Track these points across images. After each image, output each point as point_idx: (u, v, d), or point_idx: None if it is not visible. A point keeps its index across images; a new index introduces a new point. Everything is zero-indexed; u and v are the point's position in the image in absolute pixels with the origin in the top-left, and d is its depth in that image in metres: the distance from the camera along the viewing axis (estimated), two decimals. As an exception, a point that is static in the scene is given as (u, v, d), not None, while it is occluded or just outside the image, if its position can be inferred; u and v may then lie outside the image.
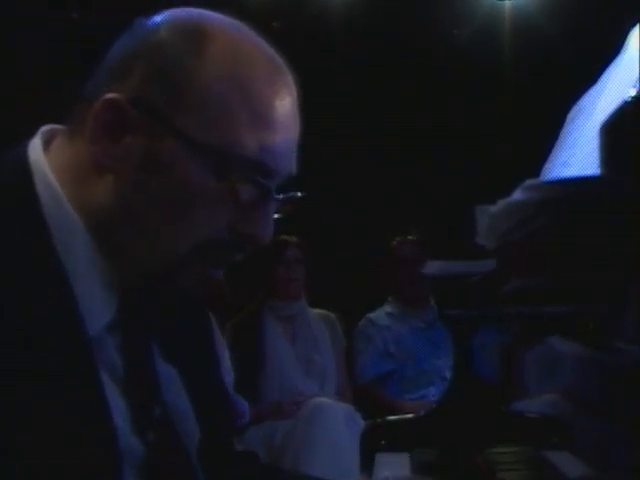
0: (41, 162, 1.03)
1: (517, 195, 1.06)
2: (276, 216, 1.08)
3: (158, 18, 1.05)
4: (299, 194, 1.09)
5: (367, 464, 1.84)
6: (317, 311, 4.25)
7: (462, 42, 5.60)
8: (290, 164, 1.06)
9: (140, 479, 1.02)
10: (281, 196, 1.06)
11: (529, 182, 1.03)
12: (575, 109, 1.49)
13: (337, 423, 3.58)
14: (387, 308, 4.50)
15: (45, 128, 1.09)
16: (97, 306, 1.01)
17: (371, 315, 4.48)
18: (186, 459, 1.11)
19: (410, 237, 4.55)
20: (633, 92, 0.81)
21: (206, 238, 1.02)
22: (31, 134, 1.08)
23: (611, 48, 1.35)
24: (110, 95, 1.00)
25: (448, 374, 3.17)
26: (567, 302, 1.40)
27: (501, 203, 1.20)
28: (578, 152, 1.31)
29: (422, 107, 5.71)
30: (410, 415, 2.01)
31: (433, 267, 1.90)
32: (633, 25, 1.29)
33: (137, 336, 1.08)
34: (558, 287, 1.17)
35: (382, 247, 4.59)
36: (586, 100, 1.43)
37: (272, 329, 4.07)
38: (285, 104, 1.04)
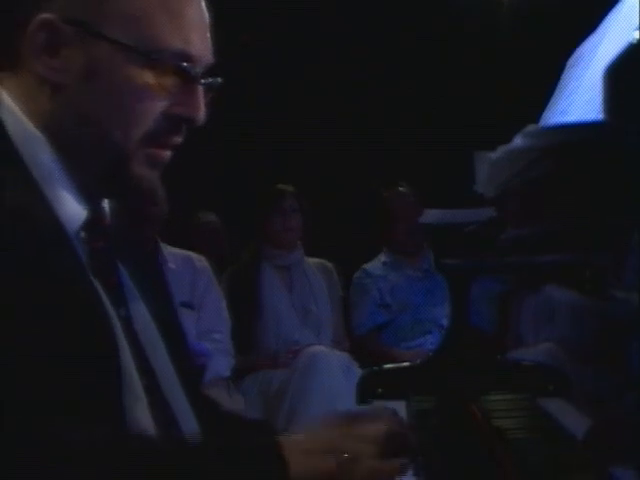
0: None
1: (518, 141, 1.05)
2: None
3: None
4: (219, 80, 1.23)
5: (364, 412, 1.85)
6: (314, 260, 4.24)
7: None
8: (208, 51, 1.21)
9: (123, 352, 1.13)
10: (206, 81, 1.21)
11: (530, 128, 1.02)
12: (574, 56, 1.48)
13: (333, 372, 3.59)
14: (382, 257, 4.49)
15: None
16: (69, 209, 1.15)
17: (366, 266, 4.46)
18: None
19: (401, 188, 4.52)
20: (637, 35, 0.80)
21: (149, 125, 1.16)
22: None
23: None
24: (42, 16, 1.12)
25: (445, 322, 3.19)
26: (564, 250, 1.40)
27: (501, 150, 1.19)
28: (577, 100, 1.29)
29: (421, 58, 5.67)
30: (406, 363, 2.02)
31: (430, 215, 1.90)
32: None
33: (103, 248, 1.21)
34: (557, 234, 1.17)
35: (374, 199, 4.57)
36: (586, 47, 1.42)
37: (269, 278, 4.06)
38: (195, 2, 1.20)
